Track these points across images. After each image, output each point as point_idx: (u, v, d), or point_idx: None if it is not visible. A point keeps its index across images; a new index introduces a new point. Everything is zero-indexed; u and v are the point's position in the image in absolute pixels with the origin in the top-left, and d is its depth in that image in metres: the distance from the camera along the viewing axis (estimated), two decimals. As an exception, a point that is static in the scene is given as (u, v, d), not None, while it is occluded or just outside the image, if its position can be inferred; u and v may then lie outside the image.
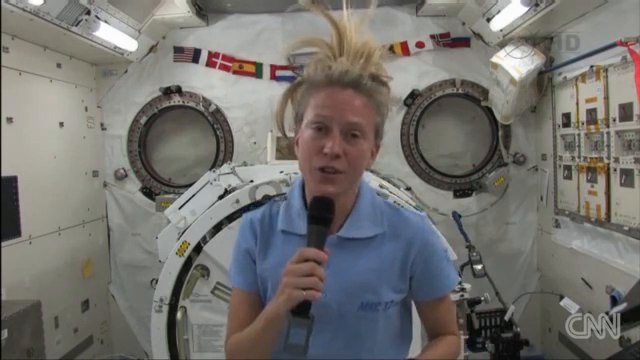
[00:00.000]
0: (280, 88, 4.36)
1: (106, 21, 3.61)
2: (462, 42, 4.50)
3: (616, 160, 3.09)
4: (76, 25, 3.38)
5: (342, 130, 1.24)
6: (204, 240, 2.77)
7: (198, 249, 2.78)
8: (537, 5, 3.28)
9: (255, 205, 2.60)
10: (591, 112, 3.35)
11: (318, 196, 1.26)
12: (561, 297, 3.34)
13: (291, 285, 1.15)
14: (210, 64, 4.58)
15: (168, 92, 4.56)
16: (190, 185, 3.28)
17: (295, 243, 1.30)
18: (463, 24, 4.47)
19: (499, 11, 3.76)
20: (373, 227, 1.35)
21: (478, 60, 4.45)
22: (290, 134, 1.42)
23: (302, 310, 1.15)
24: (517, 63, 3.87)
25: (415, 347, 1.50)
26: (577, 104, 3.55)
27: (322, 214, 1.24)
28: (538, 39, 3.97)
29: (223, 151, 4.63)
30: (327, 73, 1.27)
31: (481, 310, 3.23)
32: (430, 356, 1.36)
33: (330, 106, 1.25)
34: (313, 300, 1.15)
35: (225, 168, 3.24)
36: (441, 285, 1.41)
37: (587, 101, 3.41)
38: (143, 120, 4.62)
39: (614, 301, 2.84)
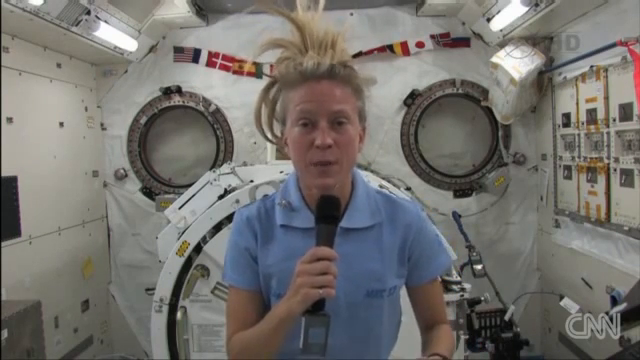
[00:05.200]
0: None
1: (106, 21, 3.61)
2: (462, 42, 4.50)
3: (616, 160, 3.09)
4: (76, 25, 3.38)
5: (328, 120, 1.26)
6: (204, 240, 2.77)
7: (198, 249, 2.78)
8: (537, 5, 3.28)
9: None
10: (591, 112, 3.35)
11: (325, 195, 1.28)
12: (561, 297, 3.33)
13: (307, 285, 1.15)
14: (210, 64, 4.58)
15: (168, 92, 4.56)
16: (190, 185, 3.28)
17: (296, 237, 1.33)
18: (463, 24, 4.47)
19: (499, 11, 3.76)
20: (371, 216, 1.39)
21: (478, 60, 4.45)
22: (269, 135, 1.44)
23: (317, 309, 1.16)
24: (517, 63, 3.87)
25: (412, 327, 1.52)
26: (577, 104, 3.55)
27: (330, 213, 1.26)
28: (538, 39, 3.96)
29: (223, 151, 4.63)
30: (300, 70, 1.28)
31: (481, 310, 3.22)
32: (446, 350, 1.36)
33: (310, 100, 1.27)
34: (328, 297, 1.16)
35: (225, 168, 3.24)
36: (434, 268, 1.46)
37: (587, 101, 3.41)
38: (143, 120, 4.62)
39: (614, 301, 2.84)
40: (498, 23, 3.89)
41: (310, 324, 1.14)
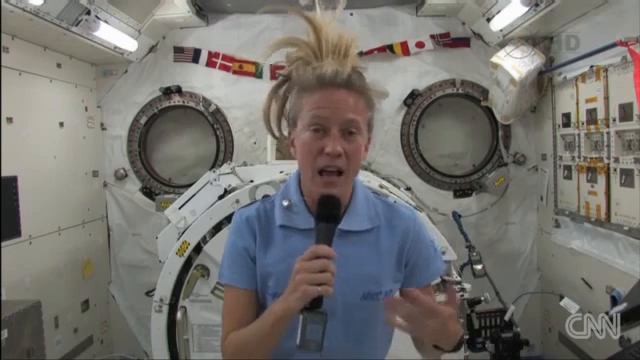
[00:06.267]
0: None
1: (106, 21, 3.61)
2: (462, 42, 4.50)
3: (616, 160, 3.09)
4: (76, 25, 3.38)
5: (340, 129, 1.28)
6: (204, 240, 2.77)
7: (198, 249, 2.78)
8: (537, 5, 3.28)
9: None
10: (591, 112, 3.35)
11: (325, 194, 1.30)
12: (561, 297, 3.34)
13: (305, 282, 1.16)
14: (210, 64, 4.58)
15: (168, 92, 4.56)
16: (190, 185, 3.28)
17: (296, 238, 1.36)
18: (463, 24, 4.47)
19: (499, 11, 3.76)
20: (370, 220, 1.41)
21: (478, 60, 4.45)
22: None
23: (315, 306, 1.17)
24: (517, 63, 3.87)
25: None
26: (577, 104, 3.55)
27: (330, 212, 1.28)
28: (538, 39, 3.97)
29: (223, 151, 4.63)
30: (318, 75, 1.30)
31: (481, 310, 3.23)
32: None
33: (326, 107, 1.28)
34: (326, 295, 1.17)
35: (225, 168, 3.24)
36: (429, 274, 1.49)
37: (587, 101, 3.41)
38: (143, 120, 4.62)
39: (614, 301, 2.84)
40: (498, 23, 3.89)
41: (308, 321, 1.16)
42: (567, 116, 3.77)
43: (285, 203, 1.39)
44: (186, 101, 4.61)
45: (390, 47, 4.48)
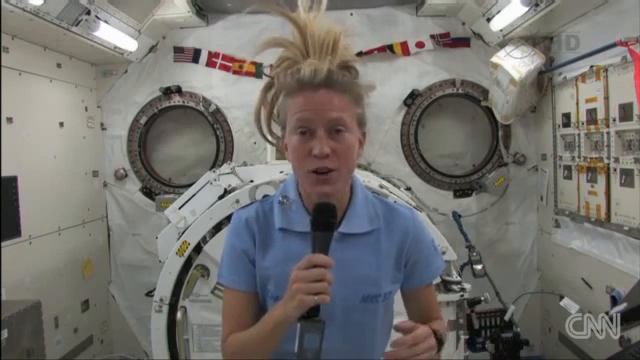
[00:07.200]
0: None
1: (106, 21, 3.61)
2: (462, 42, 4.50)
3: (616, 160, 3.09)
4: (76, 25, 3.38)
5: (326, 129, 1.27)
6: (204, 240, 2.77)
7: (198, 249, 2.78)
8: (537, 5, 3.28)
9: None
10: (591, 112, 3.35)
11: (320, 202, 1.28)
12: (561, 297, 3.34)
13: (302, 291, 1.16)
14: (210, 64, 4.58)
15: (168, 92, 4.56)
16: (190, 185, 3.28)
17: (294, 240, 1.35)
18: (463, 24, 4.47)
19: (499, 11, 3.76)
20: (369, 222, 1.40)
21: (478, 60, 4.45)
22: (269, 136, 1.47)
23: (312, 314, 1.18)
24: (517, 63, 3.87)
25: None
26: (577, 104, 3.55)
27: (326, 220, 1.26)
28: (538, 39, 3.97)
29: (223, 151, 4.63)
30: (297, 77, 1.28)
31: (481, 310, 3.22)
32: (438, 327, 1.37)
33: (308, 109, 1.27)
34: (323, 304, 1.17)
35: (225, 168, 3.24)
36: (430, 273, 1.49)
37: (587, 101, 3.41)
38: (143, 120, 4.62)
39: (614, 301, 2.84)
40: (498, 23, 3.89)
41: (305, 330, 1.16)
42: (567, 116, 3.77)
43: (283, 200, 1.39)
44: (186, 101, 4.61)
45: (390, 47, 4.49)
